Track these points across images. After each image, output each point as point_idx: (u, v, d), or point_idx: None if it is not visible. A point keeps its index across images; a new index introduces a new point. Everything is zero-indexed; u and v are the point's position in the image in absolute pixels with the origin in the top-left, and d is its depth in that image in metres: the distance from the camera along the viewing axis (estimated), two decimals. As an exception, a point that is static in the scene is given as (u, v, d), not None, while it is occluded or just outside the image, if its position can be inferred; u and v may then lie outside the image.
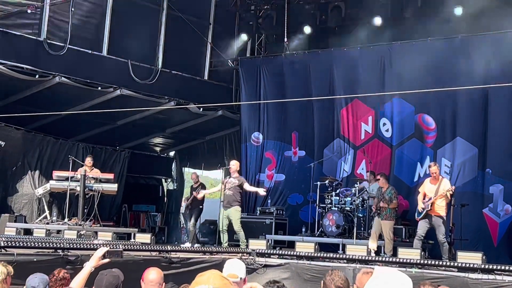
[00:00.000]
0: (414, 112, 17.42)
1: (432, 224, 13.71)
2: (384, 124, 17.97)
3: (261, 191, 15.84)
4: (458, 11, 17.08)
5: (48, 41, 17.24)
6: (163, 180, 24.50)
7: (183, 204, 16.70)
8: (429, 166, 14.48)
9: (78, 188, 16.15)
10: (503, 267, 11.27)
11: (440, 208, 13.69)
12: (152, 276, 5.71)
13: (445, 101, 16.97)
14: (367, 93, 17.81)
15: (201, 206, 16.46)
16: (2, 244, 10.22)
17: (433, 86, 16.70)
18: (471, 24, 17.58)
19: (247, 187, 15.25)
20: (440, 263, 12.10)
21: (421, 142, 17.33)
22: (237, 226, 14.99)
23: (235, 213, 15.02)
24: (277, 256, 13.38)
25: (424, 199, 13.88)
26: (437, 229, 13.69)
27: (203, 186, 16.78)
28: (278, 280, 5.59)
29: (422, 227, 13.86)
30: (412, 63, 17.58)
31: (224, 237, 15.11)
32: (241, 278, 5.42)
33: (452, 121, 16.91)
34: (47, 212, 17.39)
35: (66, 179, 16.49)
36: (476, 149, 16.41)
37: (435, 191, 13.72)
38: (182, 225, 16.62)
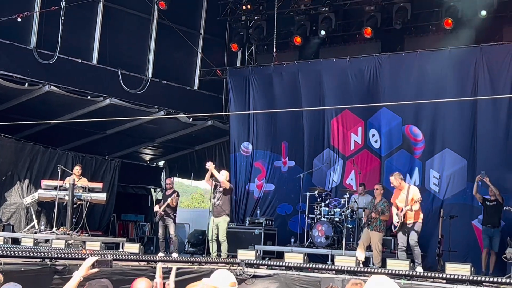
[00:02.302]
0: (402, 123, 17.47)
1: (406, 231, 13.85)
2: (373, 135, 18.02)
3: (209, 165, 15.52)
4: (448, 23, 17.15)
5: (38, 49, 17.22)
6: (152, 189, 24.42)
7: (157, 210, 16.47)
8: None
9: (66, 197, 16.08)
10: (491, 279, 11.28)
11: (412, 215, 13.83)
12: (141, 286, 5.69)
13: (433, 112, 17.04)
14: (357, 103, 17.86)
15: (174, 214, 16.39)
16: (-10, 253, 10.17)
17: (422, 98, 16.79)
18: (460, 36, 17.71)
19: (221, 180, 15.14)
20: (429, 274, 12.11)
21: (409, 153, 17.37)
22: (222, 236, 15.00)
23: (223, 223, 15.04)
24: (266, 266, 13.35)
25: (398, 210, 14.01)
26: (409, 233, 13.83)
27: (177, 194, 16.69)
28: None
29: (401, 238, 14.01)
30: (402, 74, 17.68)
31: (213, 247, 15.09)
32: None
33: (440, 132, 16.96)
34: (35, 221, 17.31)
35: (55, 188, 16.41)
36: (465, 161, 16.46)
37: (405, 200, 13.83)
38: (169, 235, 16.48)
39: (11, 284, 5.92)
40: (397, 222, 13.90)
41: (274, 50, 19.73)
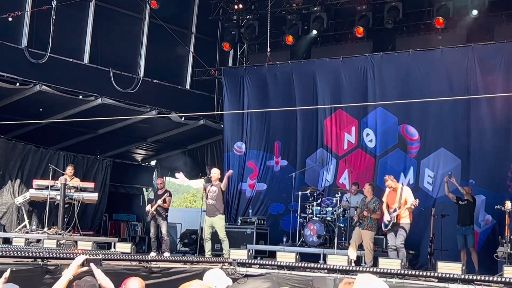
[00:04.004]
0: (397, 122, 17.52)
1: (396, 231, 13.91)
2: (368, 134, 18.04)
3: (229, 172, 15.64)
4: (439, 22, 17.20)
5: (29, 49, 17.16)
6: (144, 189, 24.38)
7: (148, 209, 16.47)
8: (385, 181, 14.48)
9: (58, 197, 16.03)
10: (483, 278, 11.28)
11: (404, 216, 13.96)
12: (134, 286, 5.69)
13: (428, 112, 17.09)
14: (350, 103, 17.89)
15: (166, 214, 16.39)
16: (-19, 253, 10.13)
17: (416, 97, 16.83)
18: (451, 35, 17.76)
19: (223, 185, 15.15)
20: (421, 273, 12.11)
21: (404, 152, 17.42)
22: (222, 234, 14.98)
23: (219, 221, 15.00)
24: (258, 266, 13.32)
25: (389, 209, 14.06)
26: (398, 233, 13.96)
27: (169, 194, 16.67)
28: None
29: (391, 239, 14.11)
30: (394, 74, 17.73)
31: (207, 246, 15.08)
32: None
33: (435, 132, 17.03)
34: (26, 221, 17.24)
35: (46, 188, 16.36)
36: (460, 160, 16.54)
37: (398, 200, 13.90)
38: (161, 235, 16.46)
39: (9, 285, 5.91)
40: (388, 221, 13.95)
41: (268, 50, 19.73)
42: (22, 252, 10.95)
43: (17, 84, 17.20)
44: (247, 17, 20.47)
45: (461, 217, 15.27)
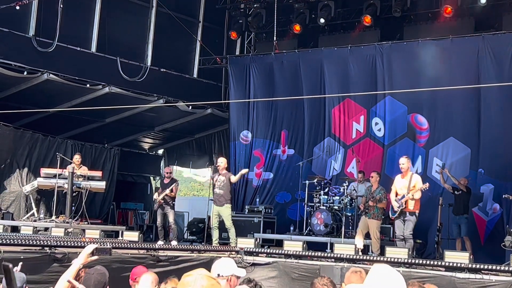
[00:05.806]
0: (407, 112, 17.49)
1: (404, 220, 13.85)
2: (376, 123, 18.02)
3: (244, 171, 15.82)
4: (447, 11, 17.13)
5: (37, 37, 17.17)
6: (151, 178, 24.43)
7: (156, 198, 16.45)
8: (400, 160, 14.44)
9: (65, 186, 16.07)
10: (490, 267, 11.28)
11: (412, 204, 13.85)
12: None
13: (437, 101, 17.05)
14: (359, 92, 17.86)
15: (173, 202, 16.41)
16: (-11, 242, 10.17)
17: (425, 86, 16.76)
18: (459, 24, 17.68)
19: (233, 179, 15.24)
20: (428, 262, 12.12)
21: (413, 141, 17.41)
22: (228, 223, 15.03)
23: (225, 210, 15.06)
24: (265, 254, 13.34)
25: (396, 196, 14.00)
26: (406, 223, 13.84)
27: (177, 183, 16.66)
28: (252, 279, 5.61)
29: (399, 227, 14.00)
30: (404, 63, 17.67)
31: (215, 234, 15.14)
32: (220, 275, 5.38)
33: (445, 121, 17.00)
34: (34, 210, 17.30)
35: (54, 176, 16.41)
36: (469, 149, 16.52)
37: (407, 187, 13.83)
38: (169, 223, 16.50)
39: (16, 273, 5.94)
40: (398, 208, 13.86)
41: (275, 38, 19.67)
42: (30, 240, 11.00)
43: (25, 72, 17.23)
44: (255, 5, 20.41)
45: (456, 206, 15.46)
